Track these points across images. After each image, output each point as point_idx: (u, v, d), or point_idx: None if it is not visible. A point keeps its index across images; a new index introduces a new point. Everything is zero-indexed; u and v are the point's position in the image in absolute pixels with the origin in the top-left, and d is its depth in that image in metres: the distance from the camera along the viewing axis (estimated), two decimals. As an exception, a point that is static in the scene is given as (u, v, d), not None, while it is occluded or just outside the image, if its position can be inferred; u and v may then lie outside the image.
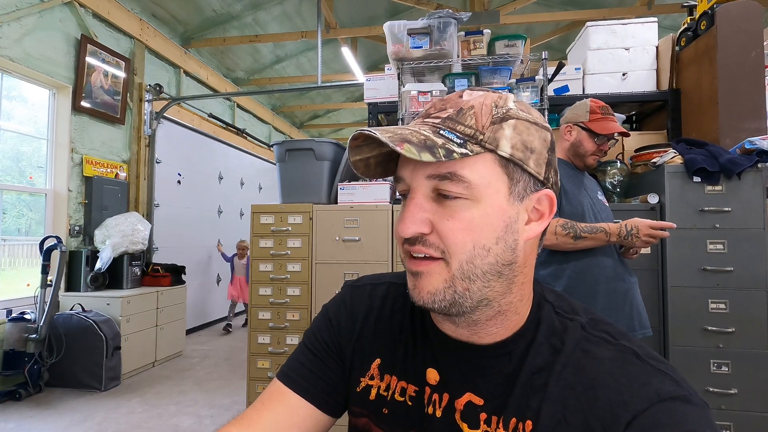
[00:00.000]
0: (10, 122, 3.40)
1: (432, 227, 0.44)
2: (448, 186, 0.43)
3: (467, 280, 0.44)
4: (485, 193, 0.43)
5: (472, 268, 0.43)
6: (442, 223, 0.44)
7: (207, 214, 5.71)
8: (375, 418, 0.54)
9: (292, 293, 2.32)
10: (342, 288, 0.64)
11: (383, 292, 0.60)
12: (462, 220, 0.43)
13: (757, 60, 2.14)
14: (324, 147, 2.40)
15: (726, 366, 1.97)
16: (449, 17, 2.33)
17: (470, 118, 0.44)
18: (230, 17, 5.13)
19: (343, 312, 0.60)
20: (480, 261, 0.43)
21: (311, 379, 0.57)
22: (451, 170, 0.43)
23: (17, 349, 2.99)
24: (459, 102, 0.47)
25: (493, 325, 0.48)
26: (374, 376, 0.55)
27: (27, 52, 3.30)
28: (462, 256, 0.43)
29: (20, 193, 3.52)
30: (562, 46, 5.80)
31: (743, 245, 1.99)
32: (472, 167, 0.43)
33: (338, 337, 0.59)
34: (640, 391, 0.41)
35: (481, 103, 0.45)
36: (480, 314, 0.46)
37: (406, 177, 0.47)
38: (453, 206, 0.44)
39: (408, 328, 0.56)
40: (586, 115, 1.64)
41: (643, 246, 1.51)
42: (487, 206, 0.43)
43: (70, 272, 3.55)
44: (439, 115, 0.47)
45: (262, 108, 7.35)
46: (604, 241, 1.50)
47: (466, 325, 0.48)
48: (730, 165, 1.96)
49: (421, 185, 0.45)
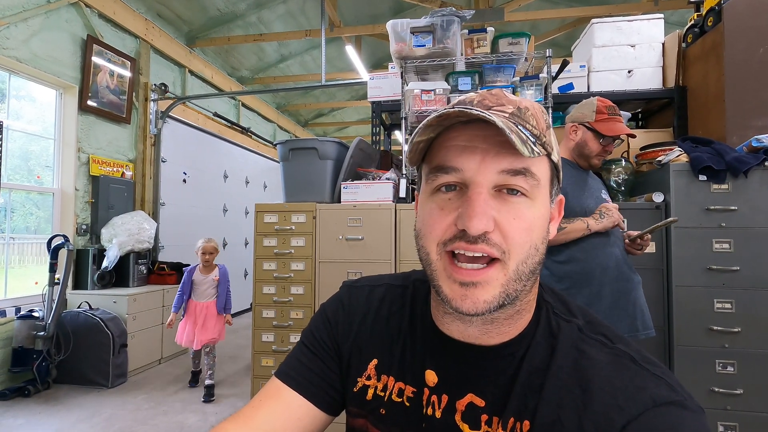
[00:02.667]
0: (18, 122, 3.43)
1: (495, 225, 0.42)
2: (519, 182, 0.43)
3: (519, 281, 0.43)
4: (542, 193, 0.45)
5: (524, 268, 0.43)
6: (508, 221, 0.43)
7: (212, 212, 5.73)
8: (372, 418, 0.54)
9: (296, 292, 2.33)
10: (340, 288, 0.64)
11: (381, 294, 0.60)
12: (525, 219, 0.43)
13: (764, 57, 2.11)
14: (327, 146, 2.40)
15: (732, 366, 1.96)
16: (452, 15, 2.32)
17: (532, 119, 0.45)
18: (235, 16, 5.14)
19: (341, 312, 0.60)
20: (531, 261, 0.44)
21: (309, 376, 0.57)
22: (526, 166, 0.43)
23: (26, 347, 3.03)
24: (513, 100, 0.46)
25: (507, 324, 0.48)
26: (371, 376, 0.56)
27: (34, 52, 3.33)
28: (520, 256, 0.43)
29: (29, 192, 3.55)
30: (567, 43, 5.76)
31: (749, 244, 1.97)
32: (538, 167, 0.44)
33: (335, 336, 0.59)
34: (635, 395, 0.41)
35: (533, 106, 0.46)
36: (501, 312, 0.46)
37: (466, 169, 0.43)
38: (516, 204, 0.43)
39: (406, 330, 0.56)
40: (592, 115, 1.61)
41: (612, 225, 1.52)
42: (541, 206, 0.45)
43: (78, 270, 3.59)
44: (503, 109, 0.45)
45: (266, 106, 7.37)
46: (583, 229, 1.50)
47: (481, 324, 0.47)
48: (737, 163, 1.93)
49: (488, 179, 0.43)
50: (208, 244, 3.13)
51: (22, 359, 3.03)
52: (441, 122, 0.44)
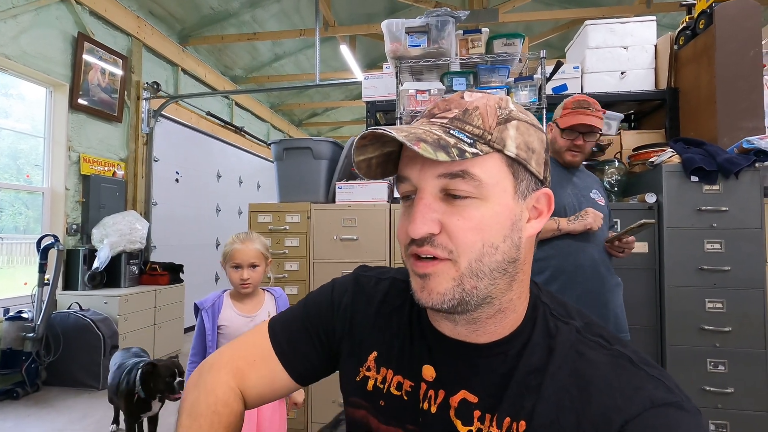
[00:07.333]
0: (7, 120, 3.38)
1: (441, 227, 0.44)
2: (459, 185, 0.44)
3: (475, 278, 0.44)
4: (494, 192, 0.44)
5: (480, 266, 0.44)
6: (452, 222, 0.44)
7: (205, 212, 5.69)
8: (373, 409, 0.55)
9: (290, 292, 2.31)
10: (354, 270, 0.67)
11: (386, 288, 0.61)
12: (472, 219, 0.44)
13: (755, 59, 2.14)
14: (322, 146, 2.39)
15: (723, 365, 1.98)
16: (447, 15, 2.32)
17: (477, 119, 0.45)
18: (228, 15, 5.11)
19: (346, 296, 0.62)
20: (488, 259, 0.44)
21: (296, 353, 0.61)
22: (463, 168, 0.43)
23: (14, 348, 2.98)
24: (463, 102, 0.47)
25: (491, 324, 0.48)
26: (371, 368, 0.57)
27: (24, 49, 3.28)
28: (471, 254, 0.44)
29: (18, 192, 3.50)
30: (560, 45, 5.79)
31: (740, 245, 1.99)
32: (482, 166, 0.44)
33: (334, 320, 0.61)
34: (633, 396, 0.41)
35: (485, 104, 0.46)
36: (481, 312, 0.47)
37: (412, 177, 0.46)
38: (462, 205, 0.44)
39: (406, 325, 0.57)
40: (559, 111, 1.64)
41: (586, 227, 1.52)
42: (496, 204, 0.44)
43: (68, 271, 3.54)
44: (445, 115, 0.47)
45: (260, 106, 7.33)
46: (554, 229, 1.52)
47: (466, 323, 0.49)
48: (728, 164, 1.96)
49: (430, 185, 0.45)
50: (247, 246, 1.51)
51: (10, 361, 2.99)
52: (359, 143, 0.47)
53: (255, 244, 1.52)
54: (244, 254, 1.48)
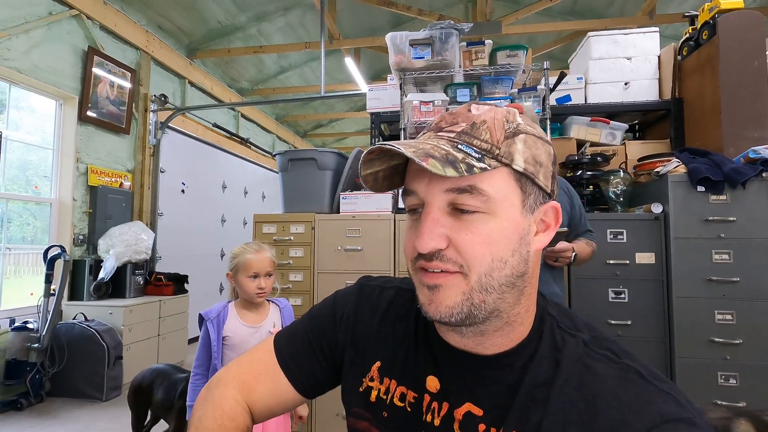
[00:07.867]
0: (17, 132, 3.44)
1: (448, 242, 0.44)
2: (466, 200, 0.43)
3: (484, 292, 0.44)
4: (502, 207, 0.44)
5: (489, 280, 0.44)
6: (460, 237, 0.44)
7: (210, 223, 5.72)
8: (375, 421, 0.55)
9: (294, 303, 2.30)
10: (357, 280, 0.66)
11: (390, 297, 0.61)
12: (480, 233, 0.44)
13: (759, 69, 2.14)
14: (326, 156, 2.40)
15: (734, 378, 1.94)
16: (451, 28, 2.35)
17: (485, 133, 0.45)
18: (235, 28, 5.19)
19: (348, 305, 0.62)
20: (498, 273, 0.44)
21: (301, 367, 0.61)
22: (471, 183, 0.43)
23: (19, 359, 2.98)
24: (470, 116, 0.47)
25: (498, 336, 0.48)
26: (374, 378, 0.56)
27: (35, 63, 3.34)
28: (481, 269, 0.43)
29: (26, 202, 3.54)
30: (564, 56, 5.82)
31: (749, 255, 1.97)
32: (489, 181, 0.44)
33: (337, 331, 0.61)
34: (643, 411, 0.40)
35: (493, 118, 0.46)
36: (489, 325, 0.47)
37: (419, 191, 0.46)
38: (470, 220, 0.44)
39: (411, 335, 0.56)
40: None
41: None
42: (504, 219, 0.44)
43: (74, 281, 3.56)
44: (452, 129, 0.47)
45: (266, 117, 7.41)
46: None
47: (473, 335, 0.48)
48: (734, 174, 1.94)
49: (437, 199, 0.45)
50: (262, 255, 1.53)
51: (15, 372, 2.98)
52: (366, 157, 0.47)
53: (267, 253, 1.55)
54: (261, 263, 1.51)
